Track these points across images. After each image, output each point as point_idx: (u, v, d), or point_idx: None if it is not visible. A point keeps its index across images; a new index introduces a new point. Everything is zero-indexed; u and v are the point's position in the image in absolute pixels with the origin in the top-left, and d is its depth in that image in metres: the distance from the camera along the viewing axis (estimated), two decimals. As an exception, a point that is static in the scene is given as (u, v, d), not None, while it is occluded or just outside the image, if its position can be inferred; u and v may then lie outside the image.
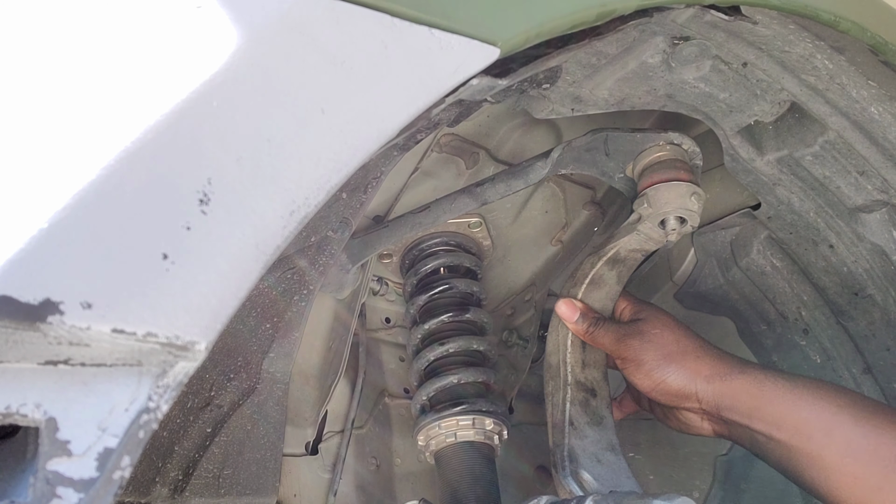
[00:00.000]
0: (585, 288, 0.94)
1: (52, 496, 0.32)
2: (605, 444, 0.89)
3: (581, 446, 0.87)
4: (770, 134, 0.84)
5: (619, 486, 0.83)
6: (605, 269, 0.94)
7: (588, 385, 0.93)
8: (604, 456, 0.87)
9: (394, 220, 0.99)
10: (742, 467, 1.15)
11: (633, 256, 0.94)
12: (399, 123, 0.43)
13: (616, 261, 0.94)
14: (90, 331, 0.32)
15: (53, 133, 0.35)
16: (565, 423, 0.89)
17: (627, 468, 0.87)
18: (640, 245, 0.91)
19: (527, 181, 0.91)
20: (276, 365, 0.86)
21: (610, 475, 0.85)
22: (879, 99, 0.73)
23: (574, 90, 0.75)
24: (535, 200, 1.12)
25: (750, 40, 0.69)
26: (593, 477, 0.83)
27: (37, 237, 0.32)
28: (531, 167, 0.91)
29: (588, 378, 0.94)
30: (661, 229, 0.88)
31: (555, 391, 0.93)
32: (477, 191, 0.93)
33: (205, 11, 0.40)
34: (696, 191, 0.85)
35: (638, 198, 0.88)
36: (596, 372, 0.95)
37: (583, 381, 0.93)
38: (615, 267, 0.94)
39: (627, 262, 0.95)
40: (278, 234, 0.38)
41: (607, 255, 0.93)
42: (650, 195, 0.86)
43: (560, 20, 0.51)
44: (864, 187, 0.82)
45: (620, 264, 0.94)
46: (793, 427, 0.75)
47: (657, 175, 0.88)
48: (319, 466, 1.05)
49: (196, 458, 0.78)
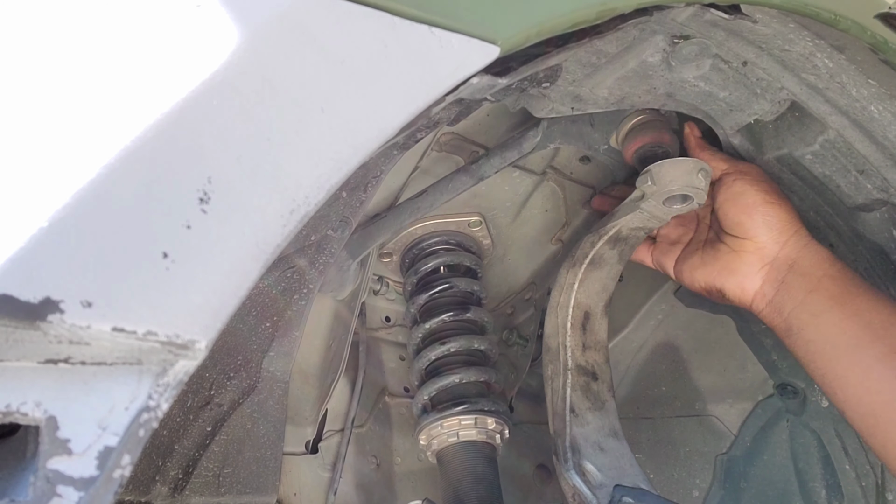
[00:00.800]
0: (585, 268, 0.91)
1: (53, 495, 0.32)
2: (607, 429, 0.87)
3: (583, 434, 0.85)
4: (770, 133, 0.84)
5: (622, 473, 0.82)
6: (606, 248, 0.90)
7: (589, 369, 0.91)
8: (606, 442, 0.86)
9: (392, 209, 0.98)
10: (742, 466, 1.15)
11: (636, 235, 0.90)
12: (399, 122, 0.43)
13: (618, 239, 0.90)
14: (90, 329, 0.32)
15: (53, 132, 0.35)
16: (566, 410, 0.87)
17: (630, 453, 0.85)
18: (644, 223, 0.88)
19: (520, 151, 0.91)
20: (276, 364, 0.86)
21: (613, 462, 0.83)
22: (879, 97, 0.73)
23: (574, 89, 0.75)
24: (535, 199, 1.12)
25: (750, 39, 0.69)
26: (596, 467, 0.82)
27: (37, 236, 0.32)
28: (523, 137, 0.91)
29: (589, 361, 0.91)
30: (666, 207, 0.84)
31: (554, 375, 0.91)
32: (473, 168, 0.93)
33: (204, 10, 0.39)
34: (703, 167, 0.82)
35: (641, 174, 0.85)
36: (597, 354, 0.92)
37: (583, 365, 0.91)
38: (617, 245, 0.91)
39: (630, 241, 0.91)
40: (278, 232, 0.38)
41: (608, 233, 0.89)
42: (654, 172, 0.82)
43: (560, 19, 0.51)
44: (863, 186, 0.82)
45: (622, 243, 0.91)
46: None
47: (640, 138, 0.87)
48: (319, 465, 1.05)
49: (196, 456, 0.78)
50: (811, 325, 0.79)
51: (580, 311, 0.94)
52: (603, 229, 0.90)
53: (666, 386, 1.21)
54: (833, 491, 1.01)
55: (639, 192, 0.85)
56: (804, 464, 1.04)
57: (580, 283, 0.93)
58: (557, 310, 0.92)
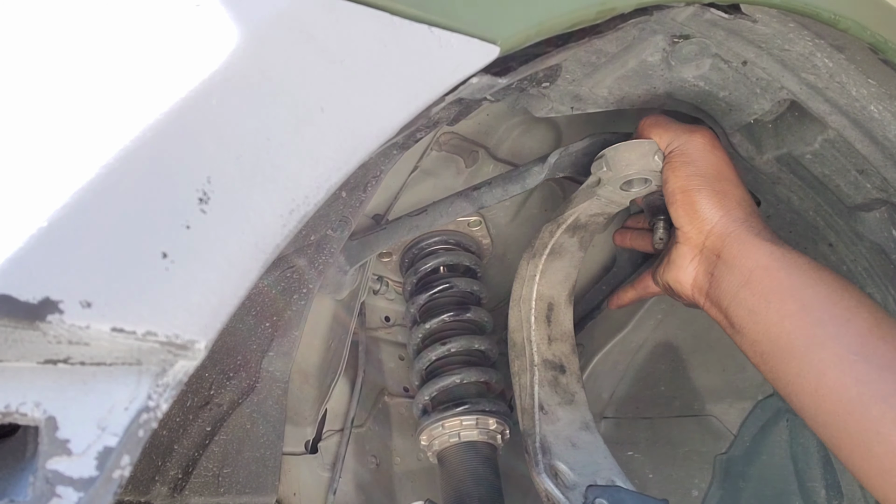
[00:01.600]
0: (546, 258, 0.88)
1: (52, 495, 0.32)
2: (578, 423, 0.85)
3: (553, 432, 0.83)
4: (770, 132, 0.84)
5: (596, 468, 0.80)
6: (566, 236, 0.88)
7: (556, 362, 0.89)
8: (578, 437, 0.84)
9: (391, 223, 0.98)
10: (741, 466, 1.15)
11: (596, 220, 0.88)
12: (399, 122, 0.43)
13: (577, 227, 0.88)
14: (90, 330, 0.32)
15: (53, 132, 0.35)
16: (535, 408, 0.85)
17: (603, 445, 0.83)
18: (602, 209, 0.86)
19: (524, 186, 0.90)
20: (276, 364, 0.86)
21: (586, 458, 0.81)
22: (879, 97, 0.73)
23: (574, 89, 0.75)
24: (534, 199, 1.13)
25: (750, 39, 0.69)
26: (569, 466, 0.79)
27: (37, 236, 0.32)
28: (528, 171, 0.90)
29: (556, 354, 0.89)
30: (624, 192, 0.82)
31: (521, 371, 0.89)
32: (474, 195, 0.92)
33: (204, 10, 0.39)
34: (658, 149, 0.78)
35: (596, 160, 0.82)
36: (564, 345, 0.90)
37: (550, 359, 0.88)
38: (576, 233, 0.88)
39: (589, 227, 0.89)
40: (278, 232, 0.38)
41: (566, 222, 0.87)
42: (609, 156, 0.79)
43: (560, 18, 0.51)
44: (863, 186, 0.82)
45: (582, 230, 0.88)
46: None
47: None
48: (319, 465, 1.05)
49: (195, 456, 0.78)
50: (751, 325, 0.71)
51: (544, 302, 0.91)
52: (561, 217, 0.87)
53: (665, 385, 1.21)
54: (833, 491, 1.01)
55: (594, 178, 0.82)
56: (803, 464, 1.04)
57: (541, 275, 0.90)
58: (520, 303, 0.89)
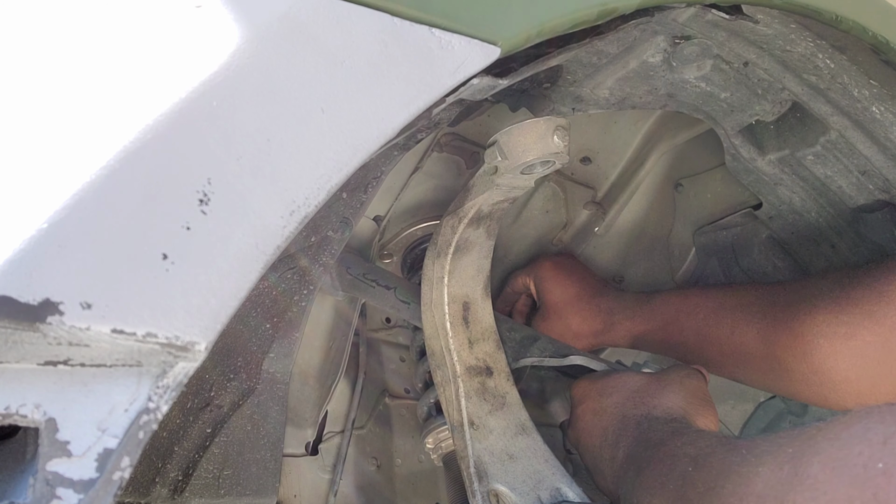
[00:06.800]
0: (452, 256, 0.81)
1: (52, 497, 0.32)
2: (513, 428, 0.79)
3: (488, 449, 0.77)
4: (771, 133, 0.84)
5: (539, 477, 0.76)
6: (470, 230, 0.80)
7: (480, 365, 0.81)
8: (515, 445, 0.77)
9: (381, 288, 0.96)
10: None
11: (500, 207, 0.80)
12: (399, 123, 0.43)
13: (480, 218, 0.80)
14: (90, 331, 0.32)
15: (53, 133, 0.35)
16: (464, 424, 0.78)
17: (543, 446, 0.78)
18: (505, 195, 0.78)
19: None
20: (277, 365, 0.86)
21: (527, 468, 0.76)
22: (881, 98, 0.73)
23: (575, 89, 0.75)
24: (535, 200, 1.12)
25: (751, 39, 0.69)
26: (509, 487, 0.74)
27: (36, 237, 0.32)
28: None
29: (479, 356, 0.82)
30: (526, 176, 0.74)
31: (444, 383, 0.81)
32: None
33: (204, 11, 0.39)
34: (558, 124, 0.70)
35: (488, 147, 0.73)
36: (486, 344, 0.82)
37: (474, 364, 0.81)
38: (481, 224, 0.81)
39: (494, 215, 0.81)
40: (278, 234, 0.38)
41: (468, 215, 0.79)
42: (502, 143, 0.71)
43: (561, 19, 0.51)
44: (865, 187, 0.82)
45: (487, 219, 0.81)
46: None
47: None
48: (320, 467, 1.05)
49: (196, 458, 0.78)
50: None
51: (457, 304, 0.84)
52: (461, 211, 0.79)
53: (667, 387, 1.21)
54: (834, 492, 1.00)
55: (490, 167, 0.73)
56: (805, 465, 1.04)
57: (450, 275, 0.82)
58: (432, 308, 0.81)
